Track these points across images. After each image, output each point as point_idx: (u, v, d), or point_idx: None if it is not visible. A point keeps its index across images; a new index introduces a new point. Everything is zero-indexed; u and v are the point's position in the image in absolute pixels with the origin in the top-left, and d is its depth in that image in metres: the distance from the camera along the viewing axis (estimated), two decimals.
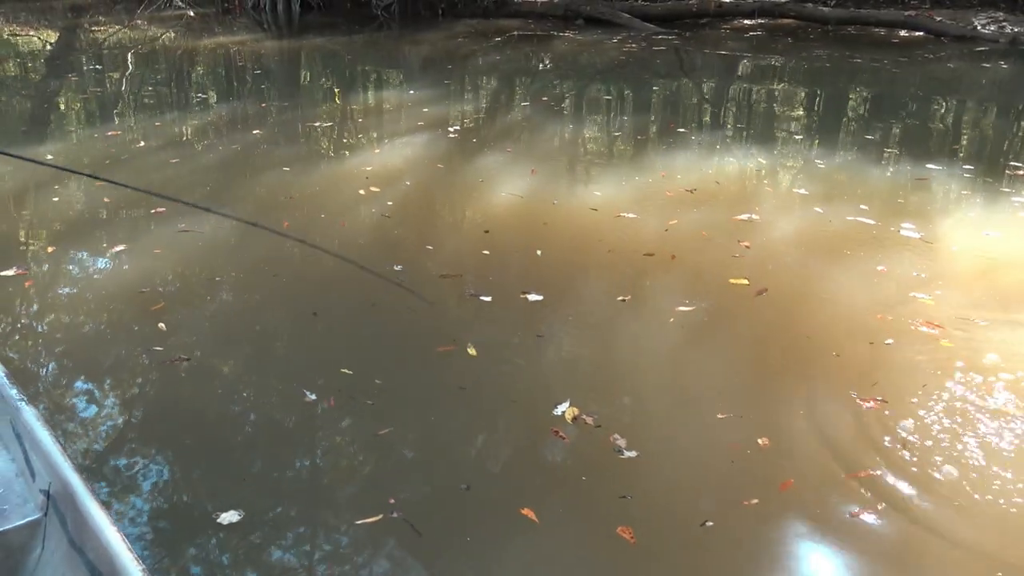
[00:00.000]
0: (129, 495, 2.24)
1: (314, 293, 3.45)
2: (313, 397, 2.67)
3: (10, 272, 3.58)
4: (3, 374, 1.96)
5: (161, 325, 3.12)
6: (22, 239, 4.10)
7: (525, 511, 2.16)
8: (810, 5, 11.83)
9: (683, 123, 6.67)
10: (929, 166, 5.28)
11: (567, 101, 7.58)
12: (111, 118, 6.93)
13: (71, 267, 3.75)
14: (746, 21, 11.86)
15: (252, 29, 11.50)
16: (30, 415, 1.83)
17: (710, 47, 10.28)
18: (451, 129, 6.17)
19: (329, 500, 2.25)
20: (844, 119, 7.16)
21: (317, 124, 6.53)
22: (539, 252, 3.81)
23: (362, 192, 4.69)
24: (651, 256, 3.79)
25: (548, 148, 5.83)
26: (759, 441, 2.43)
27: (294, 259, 3.76)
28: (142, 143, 5.77)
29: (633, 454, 2.39)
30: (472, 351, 2.94)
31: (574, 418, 2.54)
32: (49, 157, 5.31)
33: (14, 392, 1.89)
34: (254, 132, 6.15)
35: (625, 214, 4.31)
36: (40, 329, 3.21)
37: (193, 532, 2.09)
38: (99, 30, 11.93)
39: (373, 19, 11.82)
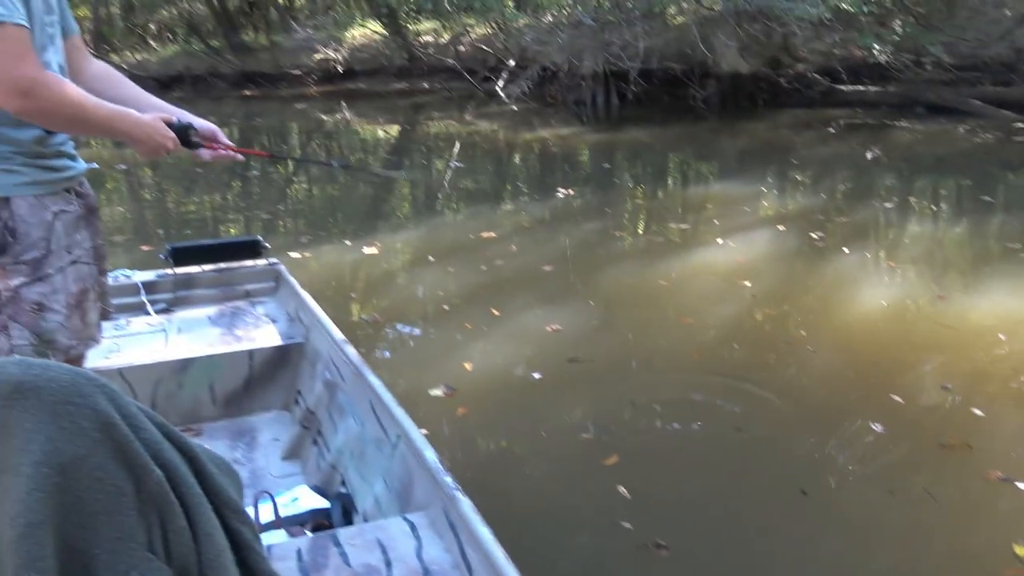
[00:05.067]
0: None
1: (799, 463, 2.72)
2: None
3: (439, 392, 3.28)
4: (437, 460, 1.85)
5: (621, 489, 2.59)
6: (443, 356, 3.72)
7: None
8: None
9: None
10: None
11: (910, 196, 6.73)
12: (438, 206, 7.29)
13: (499, 392, 3.32)
14: None
15: (570, 122, 11.84)
16: (467, 507, 1.68)
17: None
18: (782, 227, 5.66)
19: None
20: None
21: (640, 216, 6.35)
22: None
23: (720, 287, 4.35)
24: None
25: (907, 249, 5.13)
26: None
27: (750, 403, 3.13)
28: (471, 235, 5.92)
29: None
30: None
31: None
32: (369, 251, 5.59)
33: (449, 479, 1.77)
34: (579, 223, 6.12)
35: None
36: (478, 465, 2.81)
37: None
38: (433, 124, 12.99)
39: (691, 111, 11.67)
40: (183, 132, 1.79)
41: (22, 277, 1.66)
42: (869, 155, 8.43)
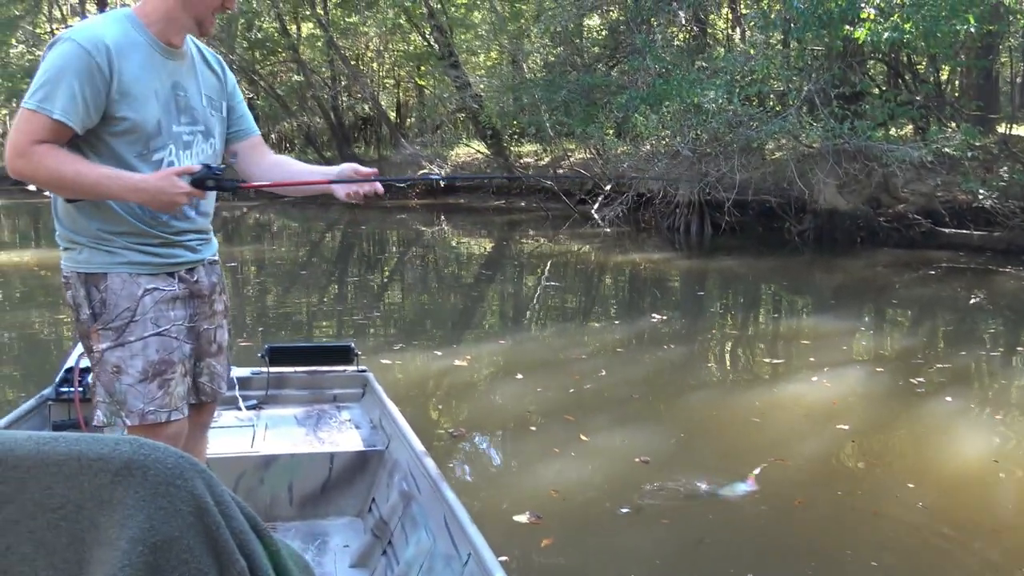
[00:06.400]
0: None
1: None
2: None
3: (524, 518, 3.17)
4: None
5: None
6: (529, 479, 3.66)
7: None
8: None
9: None
10: None
11: (1017, 346, 6.44)
12: (528, 322, 7.37)
13: (585, 524, 3.21)
14: None
15: (663, 248, 11.92)
16: None
17: None
18: (880, 368, 5.49)
19: None
20: None
21: (731, 346, 6.27)
22: None
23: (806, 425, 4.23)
24: None
25: (1015, 401, 4.88)
26: None
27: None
28: (560, 354, 5.92)
29: None
30: None
31: None
32: (458, 362, 5.66)
33: None
34: (668, 349, 6.07)
35: None
36: None
37: None
38: (527, 242, 13.28)
39: (786, 244, 11.60)
40: (200, 179, 1.85)
41: (108, 342, 1.90)
42: (972, 300, 8.16)
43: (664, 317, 7.21)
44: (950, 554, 2.98)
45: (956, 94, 15.39)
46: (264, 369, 3.35)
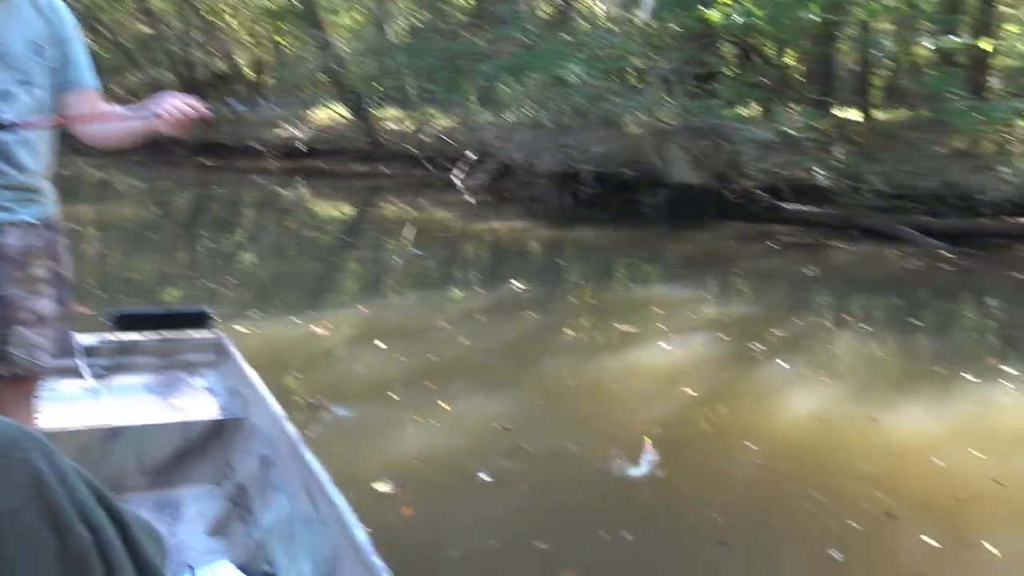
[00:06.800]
0: None
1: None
2: None
3: (386, 487, 3.18)
4: (368, 541, 1.84)
5: None
6: (390, 448, 3.64)
7: None
8: None
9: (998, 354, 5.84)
10: None
11: (844, 315, 6.99)
12: (389, 289, 7.33)
13: (448, 493, 3.23)
14: None
15: (524, 217, 12.08)
16: None
17: (1004, 268, 9.27)
18: (725, 335, 5.82)
19: None
20: None
21: (589, 314, 6.47)
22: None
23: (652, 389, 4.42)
24: None
25: (841, 366, 5.30)
26: None
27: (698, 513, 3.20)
28: (422, 321, 5.93)
29: None
30: None
31: None
32: (318, 330, 5.58)
33: (378, 561, 1.76)
34: (528, 317, 6.19)
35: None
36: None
37: None
38: (389, 208, 13.14)
39: (641, 216, 12.01)
40: None
41: None
42: (807, 272, 8.76)
43: (525, 286, 7.35)
44: (786, 505, 3.23)
45: (799, 78, 16.31)
46: (112, 336, 3.19)
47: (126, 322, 3.22)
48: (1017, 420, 4.30)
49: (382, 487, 3.15)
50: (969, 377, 4.99)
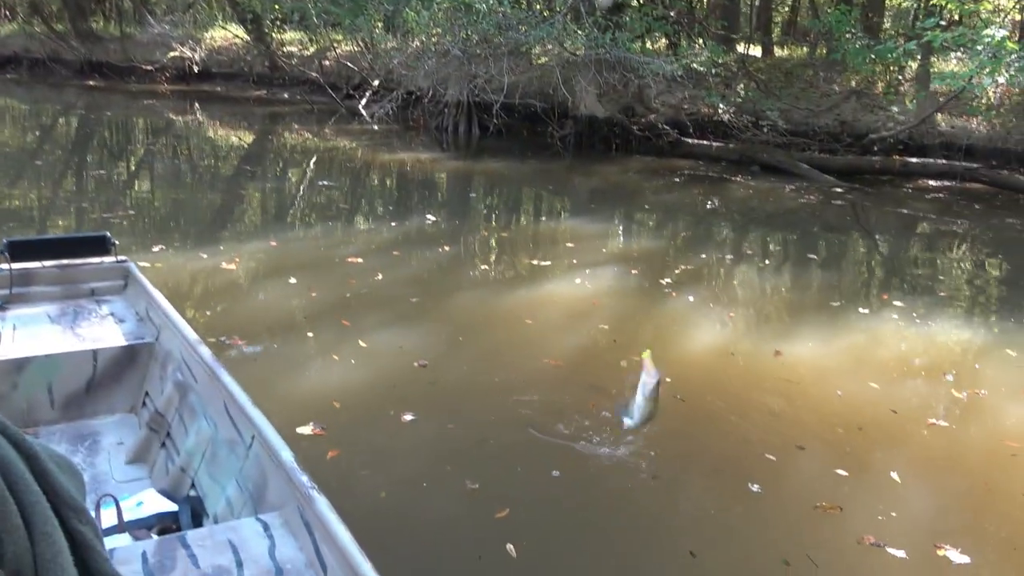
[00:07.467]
0: None
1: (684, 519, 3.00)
2: None
3: (308, 430, 3.14)
4: (293, 460, 1.82)
5: (509, 547, 2.55)
6: (310, 390, 3.59)
7: None
8: (1005, 172, 11.14)
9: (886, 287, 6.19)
10: None
11: (744, 248, 7.26)
12: (296, 221, 7.16)
13: (371, 434, 3.22)
14: (931, 182, 11.28)
15: (431, 148, 11.94)
16: (323, 505, 1.67)
17: (891, 205, 9.77)
18: (634, 268, 5.96)
19: None
20: None
21: (497, 248, 6.50)
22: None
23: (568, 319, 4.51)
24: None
25: (745, 300, 5.51)
26: None
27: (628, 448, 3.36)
28: (334, 257, 5.83)
29: None
30: None
31: None
32: (225, 264, 5.44)
33: (305, 479, 1.75)
34: (436, 249, 6.18)
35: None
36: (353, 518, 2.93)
37: None
38: (290, 136, 12.73)
39: (549, 147, 12.04)
40: None
41: None
42: (709, 205, 9.02)
43: (435, 219, 7.31)
44: (706, 440, 3.40)
45: (704, 13, 16.46)
46: (5, 266, 3.03)
47: (19, 250, 3.06)
48: (904, 350, 4.60)
49: (305, 430, 3.14)
50: (861, 310, 5.29)
